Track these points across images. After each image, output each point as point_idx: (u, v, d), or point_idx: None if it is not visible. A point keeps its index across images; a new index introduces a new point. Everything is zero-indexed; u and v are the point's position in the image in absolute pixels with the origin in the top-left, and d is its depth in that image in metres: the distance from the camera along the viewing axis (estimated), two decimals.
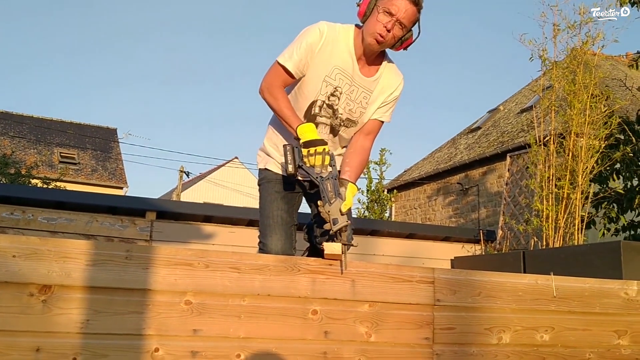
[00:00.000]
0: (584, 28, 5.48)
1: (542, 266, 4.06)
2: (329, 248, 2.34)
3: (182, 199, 27.77)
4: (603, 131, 5.13)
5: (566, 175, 5.07)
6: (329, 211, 2.39)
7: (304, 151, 2.42)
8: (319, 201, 2.44)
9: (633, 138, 5.95)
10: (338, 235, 2.38)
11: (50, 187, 18.04)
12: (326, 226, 2.41)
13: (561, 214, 5.00)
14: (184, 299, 2.14)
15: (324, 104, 2.67)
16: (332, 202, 2.39)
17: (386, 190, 18.37)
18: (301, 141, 2.45)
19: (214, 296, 2.18)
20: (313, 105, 2.68)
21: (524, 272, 4.17)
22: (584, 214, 5.07)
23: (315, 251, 2.81)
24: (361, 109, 2.72)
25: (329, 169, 2.45)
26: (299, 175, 2.58)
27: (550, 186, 5.14)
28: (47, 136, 29.55)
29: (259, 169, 2.92)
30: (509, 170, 7.99)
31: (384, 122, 2.80)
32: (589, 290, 2.73)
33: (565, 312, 2.66)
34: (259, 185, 2.91)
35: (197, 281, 2.16)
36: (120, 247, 2.10)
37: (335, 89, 2.65)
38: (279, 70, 2.60)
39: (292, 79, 2.63)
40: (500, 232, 7.36)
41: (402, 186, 18.45)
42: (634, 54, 8.04)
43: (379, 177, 17.93)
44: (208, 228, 5.74)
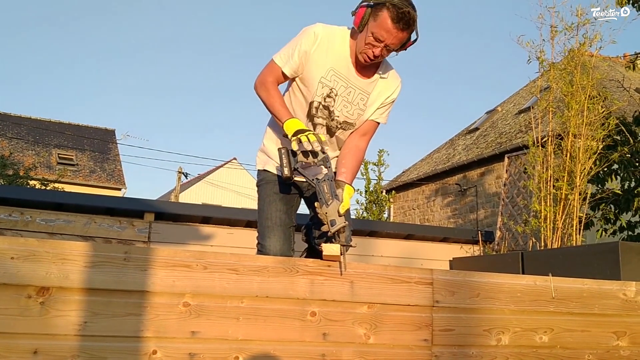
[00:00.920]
0: (582, 29, 5.48)
1: (540, 267, 4.06)
2: (328, 249, 2.34)
3: (180, 200, 27.75)
4: (601, 132, 5.13)
5: (564, 176, 5.07)
6: (327, 213, 2.39)
7: (294, 143, 2.42)
8: (316, 203, 2.44)
9: (630, 139, 5.96)
10: (336, 236, 2.37)
11: (48, 188, 18.02)
12: (324, 228, 2.41)
13: (559, 214, 5.00)
14: (182, 300, 2.13)
15: (320, 105, 2.68)
16: (330, 203, 2.39)
17: (384, 191, 18.37)
18: (288, 134, 2.46)
19: (213, 298, 2.17)
20: (311, 106, 2.69)
21: (523, 273, 4.17)
22: (582, 214, 5.07)
23: (314, 252, 2.81)
24: (359, 110, 2.72)
25: (325, 171, 2.45)
26: (294, 178, 2.58)
27: (548, 187, 5.14)
28: (45, 137, 29.52)
29: (258, 170, 2.92)
30: (507, 171, 8.00)
31: (379, 124, 2.81)
32: (588, 291, 2.73)
33: (564, 313, 2.66)
34: (257, 187, 2.91)
35: (195, 283, 2.16)
36: (119, 249, 2.10)
37: (330, 90, 2.65)
38: (274, 68, 2.63)
39: (285, 78, 2.66)
40: (498, 233, 7.36)
41: (401, 187, 18.46)
42: (631, 55, 8.06)
43: (377, 178, 17.94)
44: (206, 229, 5.74)
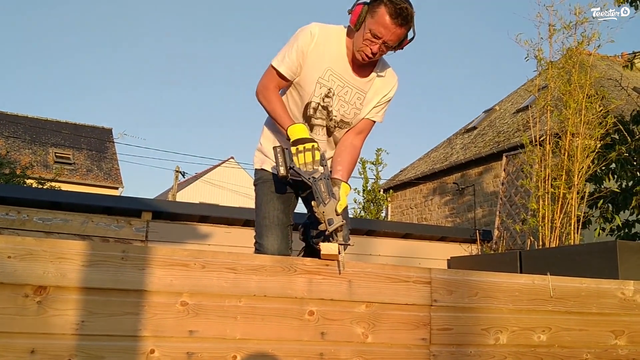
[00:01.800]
0: (580, 28, 5.49)
1: (538, 266, 4.06)
2: (326, 248, 2.33)
3: (177, 199, 27.74)
4: (598, 131, 5.13)
5: (562, 175, 5.08)
6: (324, 212, 2.38)
7: (293, 149, 2.42)
8: (312, 202, 2.43)
9: (628, 138, 5.97)
10: (334, 235, 2.37)
11: (45, 187, 17.99)
12: (321, 227, 2.40)
13: (557, 213, 5.00)
14: (180, 299, 2.13)
15: (319, 105, 2.67)
16: (327, 202, 2.38)
17: (382, 190, 18.38)
18: (290, 141, 2.45)
19: (210, 297, 2.17)
20: (307, 107, 2.68)
21: (521, 272, 4.17)
22: (579, 213, 5.07)
23: (312, 251, 2.81)
24: (355, 110, 2.71)
25: (321, 170, 2.45)
26: (290, 177, 2.57)
27: (546, 186, 5.15)
28: (42, 136, 29.49)
29: (255, 169, 2.91)
30: (504, 170, 8.00)
31: (375, 122, 2.81)
32: (586, 290, 2.73)
33: (562, 312, 2.66)
34: (255, 186, 2.91)
35: (193, 282, 2.15)
36: (116, 248, 2.09)
37: (328, 90, 2.65)
38: (273, 73, 2.63)
39: (286, 81, 2.65)
40: (496, 232, 7.36)
41: (398, 186, 18.47)
42: (629, 54, 8.06)
43: (375, 177, 17.94)
44: (204, 228, 5.73)
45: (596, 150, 5.13)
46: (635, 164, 5.91)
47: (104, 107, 70.98)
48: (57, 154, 28.91)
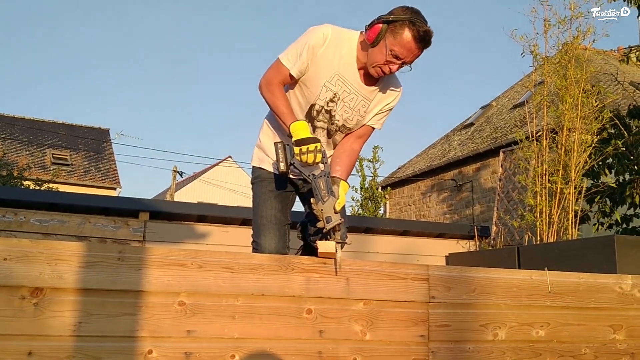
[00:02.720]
0: (575, 23, 5.50)
1: (536, 261, 4.06)
2: (323, 246, 2.33)
3: (175, 199, 27.71)
4: (595, 125, 5.13)
5: (559, 170, 5.08)
6: (322, 209, 2.38)
7: (296, 149, 2.42)
8: (311, 199, 2.43)
9: (625, 132, 5.97)
10: (332, 233, 2.37)
11: (42, 188, 17.96)
12: (319, 224, 2.40)
13: (555, 209, 5.00)
14: (178, 299, 2.12)
15: (323, 109, 2.66)
16: (325, 200, 2.38)
17: (380, 187, 18.38)
18: (293, 139, 2.44)
19: (208, 296, 2.17)
20: (312, 108, 2.67)
21: (519, 267, 4.18)
22: (577, 208, 5.08)
23: (309, 249, 2.80)
24: (358, 117, 2.72)
25: (321, 167, 2.44)
26: (290, 174, 2.57)
27: (544, 181, 5.15)
28: (39, 137, 29.42)
29: (253, 166, 2.90)
30: (502, 166, 8.01)
31: (375, 129, 2.81)
32: (584, 285, 2.73)
33: (560, 308, 2.66)
34: (252, 184, 2.90)
35: (190, 282, 2.15)
36: (113, 249, 2.09)
37: (334, 94, 2.64)
38: (280, 69, 2.60)
39: (291, 79, 2.64)
40: (494, 228, 7.37)
41: (396, 183, 18.47)
42: (625, 48, 8.07)
43: (372, 175, 17.93)
44: (202, 228, 5.73)
45: (593, 145, 5.13)
46: (632, 158, 5.91)
47: (100, 107, 70.91)
48: (54, 155, 28.85)
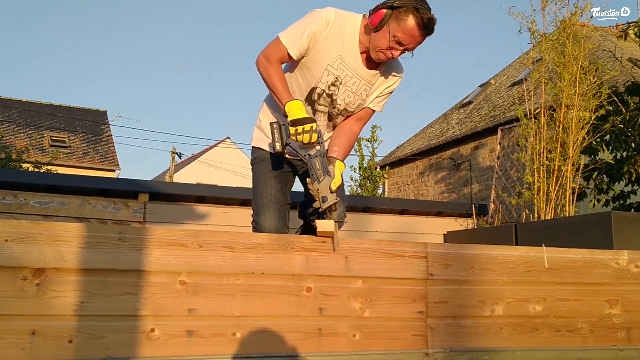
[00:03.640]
0: None
1: (533, 238, 4.09)
2: (322, 225, 2.35)
3: (175, 181, 27.70)
4: (593, 102, 5.13)
5: (557, 147, 5.09)
6: (318, 189, 2.40)
7: (292, 129, 2.42)
8: (307, 179, 2.45)
9: (623, 109, 5.96)
10: (328, 212, 2.39)
11: (41, 171, 17.96)
12: (315, 204, 2.42)
13: (552, 186, 5.03)
14: (179, 279, 2.15)
15: (324, 92, 2.66)
16: (321, 180, 2.39)
17: (378, 167, 18.38)
18: (289, 119, 2.45)
19: (209, 276, 2.19)
20: (313, 91, 2.67)
21: (516, 244, 4.21)
22: (574, 185, 5.10)
23: (309, 228, 2.83)
24: (360, 100, 2.72)
25: (317, 147, 2.45)
26: (286, 154, 2.57)
27: (542, 159, 5.16)
28: (36, 120, 29.31)
29: (252, 147, 2.90)
30: (500, 144, 8.01)
31: (375, 111, 2.81)
32: (581, 260, 2.75)
33: (557, 283, 2.69)
34: (252, 165, 2.91)
35: (191, 261, 2.17)
36: (113, 229, 2.11)
37: (336, 78, 2.64)
38: (279, 47, 2.57)
39: (289, 59, 2.62)
40: (492, 206, 7.39)
41: (395, 163, 18.45)
42: (623, 24, 8.03)
43: (370, 154, 17.92)
44: (201, 209, 5.74)
45: (591, 122, 5.14)
46: (629, 135, 5.92)
47: (97, 89, 70.58)
48: (52, 138, 28.76)
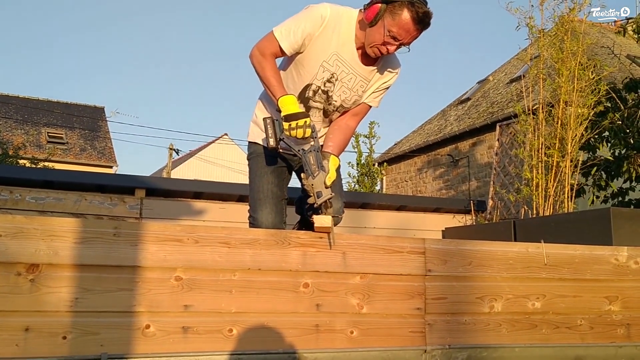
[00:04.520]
0: None
1: (532, 234, 4.08)
2: (319, 221, 2.33)
3: (172, 177, 27.66)
4: (591, 99, 5.11)
5: (555, 143, 5.07)
6: (313, 184, 2.38)
7: (285, 125, 2.40)
8: (302, 174, 2.43)
9: (621, 105, 5.95)
10: (323, 207, 2.37)
11: (38, 167, 17.90)
12: (310, 200, 2.40)
13: (551, 182, 5.01)
14: (174, 275, 2.13)
15: (319, 89, 2.64)
16: (316, 175, 2.38)
17: (376, 163, 18.37)
18: (282, 114, 2.42)
19: (205, 271, 2.17)
20: (308, 88, 2.65)
21: (515, 240, 4.19)
22: (573, 182, 5.08)
23: (307, 224, 2.81)
24: (357, 97, 2.70)
25: (311, 142, 2.43)
26: (280, 149, 2.55)
27: (540, 155, 5.14)
28: (33, 116, 29.23)
29: (249, 142, 2.89)
30: (498, 140, 7.99)
31: (371, 107, 2.79)
32: (580, 257, 2.74)
33: (556, 280, 2.67)
34: (248, 160, 2.89)
35: (187, 257, 2.15)
36: (108, 225, 2.09)
37: (332, 75, 2.62)
38: (273, 42, 2.55)
39: (283, 54, 2.59)
40: (490, 202, 7.38)
41: (393, 159, 18.45)
42: (621, 21, 8.01)
43: (368, 151, 17.91)
44: (198, 204, 5.71)
45: (589, 118, 5.12)
46: (628, 131, 5.90)
47: (94, 85, 70.41)
48: (49, 134, 28.68)
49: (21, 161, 18.08)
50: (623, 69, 8.10)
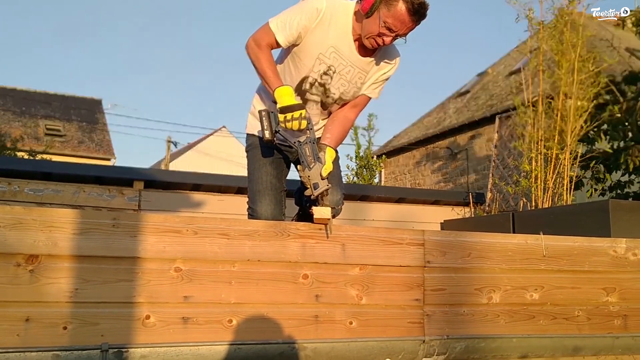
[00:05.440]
0: None
1: (531, 227, 4.08)
2: (318, 212, 2.34)
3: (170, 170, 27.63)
4: (591, 91, 5.11)
5: (554, 136, 5.07)
6: (309, 176, 2.38)
7: (281, 117, 2.40)
8: (298, 166, 2.43)
9: (620, 98, 5.95)
10: (320, 199, 2.37)
11: (37, 159, 17.87)
12: (307, 192, 2.40)
13: (550, 174, 5.01)
14: (174, 266, 2.13)
15: (316, 81, 2.63)
16: (312, 166, 2.38)
17: (375, 156, 18.36)
18: (278, 106, 2.42)
19: (204, 262, 2.17)
20: (304, 80, 2.64)
21: (514, 233, 4.20)
22: (572, 174, 5.08)
23: (306, 215, 2.81)
24: (355, 89, 2.69)
25: (307, 134, 2.43)
26: (276, 141, 2.55)
27: (539, 147, 5.14)
28: (31, 108, 29.15)
29: (247, 134, 2.89)
30: (497, 132, 7.99)
31: (371, 98, 2.78)
32: (578, 248, 2.74)
33: (554, 271, 2.68)
34: (246, 152, 2.89)
35: (186, 248, 2.15)
36: (107, 215, 2.09)
37: (328, 67, 2.61)
38: (269, 33, 2.54)
39: (278, 46, 2.59)
40: (489, 195, 7.38)
41: (392, 152, 18.43)
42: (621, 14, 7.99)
43: (367, 143, 17.89)
44: (197, 196, 5.71)
45: (589, 111, 5.12)
46: (627, 124, 5.90)
47: (92, 77, 70.28)
48: (47, 126, 28.61)
49: (19, 153, 18.05)
50: (622, 62, 8.10)
